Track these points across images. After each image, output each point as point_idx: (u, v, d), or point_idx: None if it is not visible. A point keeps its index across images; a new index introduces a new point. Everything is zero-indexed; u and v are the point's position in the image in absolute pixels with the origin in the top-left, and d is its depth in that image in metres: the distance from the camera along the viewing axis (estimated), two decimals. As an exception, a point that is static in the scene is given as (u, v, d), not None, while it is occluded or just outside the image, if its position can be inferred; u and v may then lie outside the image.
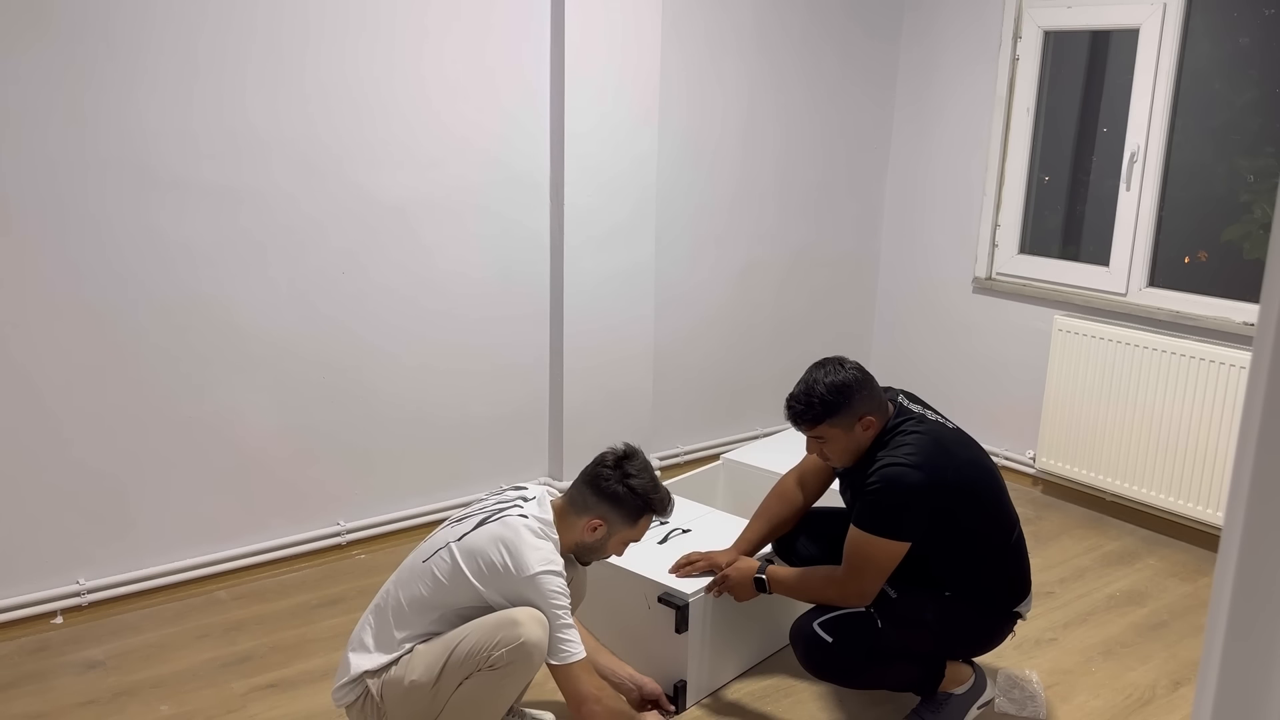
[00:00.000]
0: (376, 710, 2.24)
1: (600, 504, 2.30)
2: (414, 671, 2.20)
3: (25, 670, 2.77)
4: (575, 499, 2.32)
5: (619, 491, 2.28)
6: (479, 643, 2.17)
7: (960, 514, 2.38)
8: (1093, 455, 3.96)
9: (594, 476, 2.31)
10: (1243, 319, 3.59)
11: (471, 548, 2.23)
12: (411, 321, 3.47)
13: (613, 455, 2.34)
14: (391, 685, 2.22)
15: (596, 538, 2.32)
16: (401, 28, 3.24)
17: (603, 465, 2.32)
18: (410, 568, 2.31)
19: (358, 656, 2.27)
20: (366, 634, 2.29)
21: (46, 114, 2.72)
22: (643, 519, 2.34)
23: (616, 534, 2.34)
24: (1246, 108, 3.80)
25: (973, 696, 2.58)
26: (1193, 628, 3.18)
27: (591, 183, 3.67)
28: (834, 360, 2.47)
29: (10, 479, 2.85)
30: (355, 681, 2.25)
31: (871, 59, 4.52)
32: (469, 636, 2.19)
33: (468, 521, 2.31)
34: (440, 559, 2.25)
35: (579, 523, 2.31)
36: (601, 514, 2.30)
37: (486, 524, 2.27)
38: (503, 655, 2.15)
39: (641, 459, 2.36)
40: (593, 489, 2.30)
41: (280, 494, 3.31)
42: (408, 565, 2.33)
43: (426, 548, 2.32)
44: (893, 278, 4.78)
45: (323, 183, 3.20)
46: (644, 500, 2.30)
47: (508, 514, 2.28)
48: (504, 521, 2.26)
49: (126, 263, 2.91)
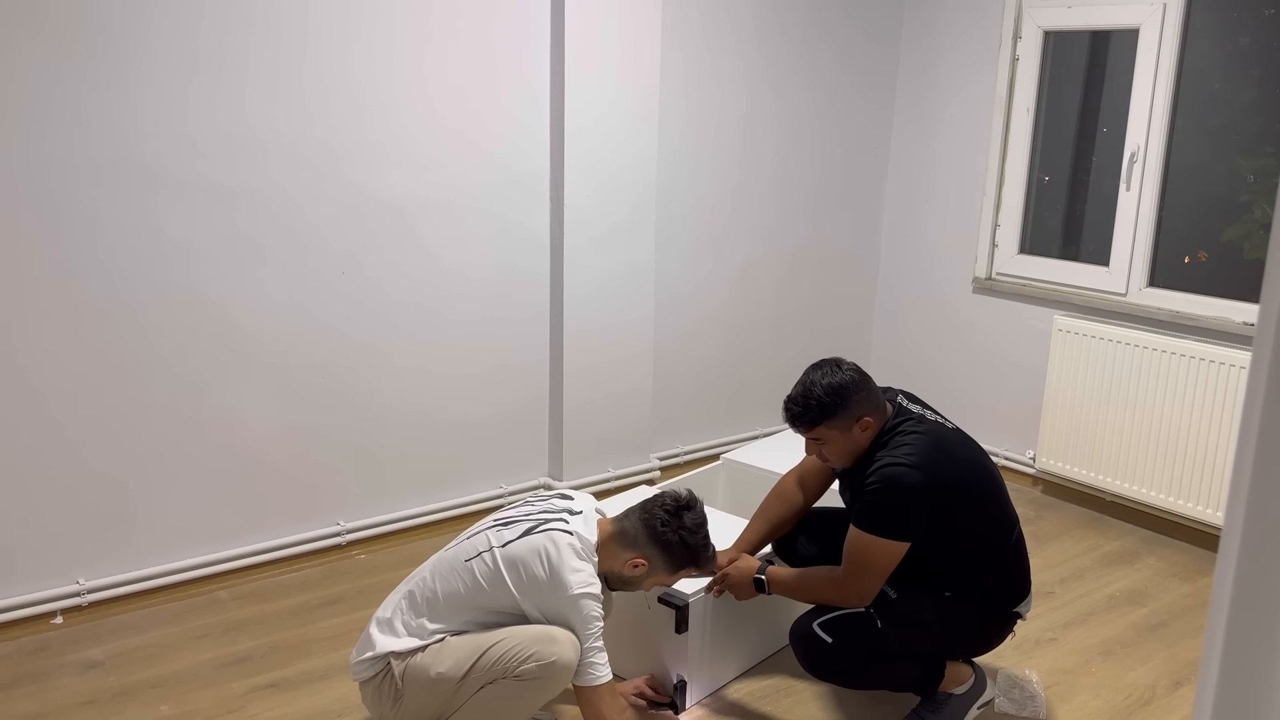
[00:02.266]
0: (394, 691, 2.27)
1: (649, 546, 2.30)
2: (442, 664, 2.23)
3: (25, 670, 2.77)
4: (626, 533, 2.32)
5: (672, 541, 2.29)
6: (511, 650, 2.20)
7: (960, 514, 2.38)
8: (1093, 455, 3.96)
9: (650, 518, 2.31)
10: (1243, 319, 3.59)
11: (514, 556, 2.25)
12: (411, 321, 3.47)
13: (674, 501, 2.33)
14: (415, 671, 2.25)
15: (635, 574, 2.33)
16: (401, 28, 3.24)
17: (663, 508, 2.31)
18: (451, 563, 2.32)
19: (384, 636, 2.29)
20: (397, 617, 2.31)
21: (44, 114, 2.72)
22: (684, 570, 2.36)
23: (654, 576, 2.36)
24: (1246, 108, 3.80)
25: (973, 696, 2.58)
26: (1193, 628, 3.18)
27: (591, 182, 3.67)
28: (831, 361, 2.47)
29: (10, 479, 2.85)
30: (378, 659, 2.28)
31: (872, 59, 4.52)
32: (503, 642, 2.22)
33: (514, 528, 2.32)
34: (482, 561, 2.27)
35: (622, 555, 2.32)
36: (647, 555, 2.31)
37: (532, 534, 2.28)
38: (531, 669, 2.18)
39: (700, 512, 2.35)
40: (646, 529, 2.30)
41: (280, 494, 3.31)
42: (448, 559, 2.34)
43: (469, 547, 2.33)
44: (893, 277, 4.78)
45: (322, 183, 3.20)
46: (693, 555, 2.33)
47: (554, 527, 2.29)
48: (549, 535, 2.26)
49: (125, 263, 2.91)
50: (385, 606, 2.38)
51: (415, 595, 2.33)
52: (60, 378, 2.87)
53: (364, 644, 2.33)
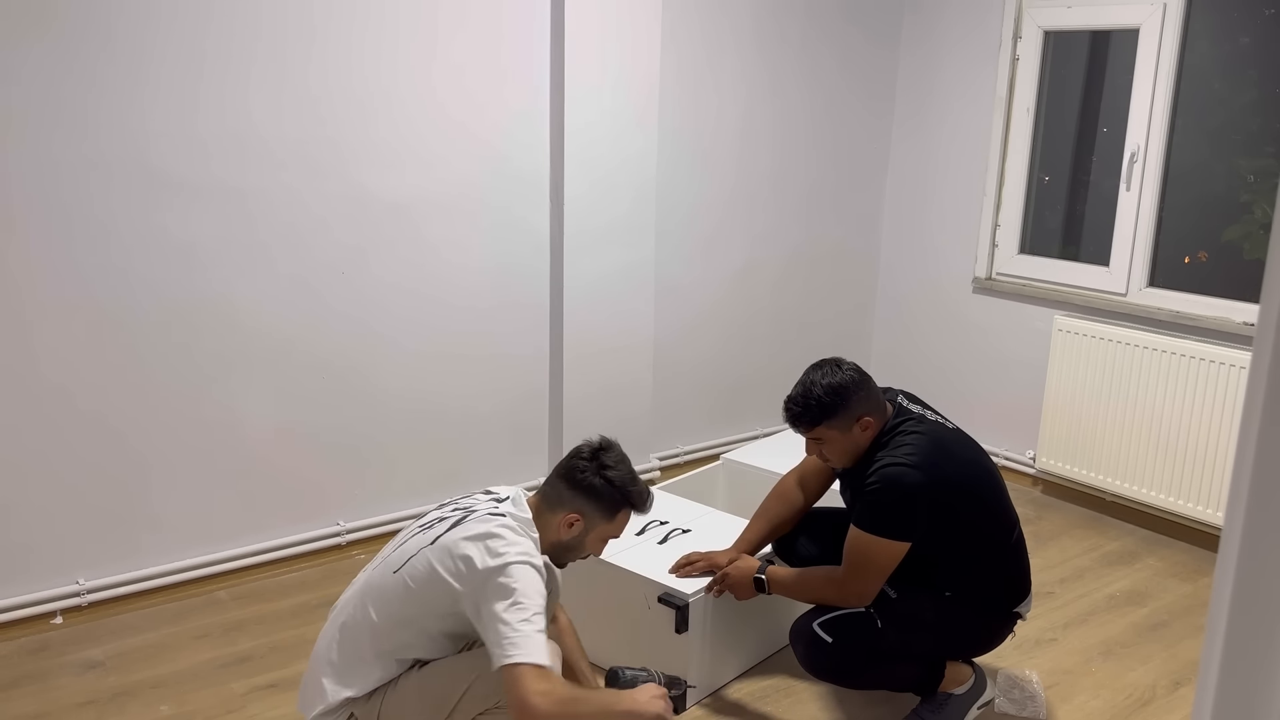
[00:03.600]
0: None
1: (576, 498, 2.13)
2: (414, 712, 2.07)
3: (25, 670, 2.77)
4: (549, 495, 2.17)
5: (595, 484, 2.13)
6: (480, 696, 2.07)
7: (960, 514, 2.38)
8: (1093, 455, 3.96)
9: (569, 469, 2.16)
10: (1243, 319, 3.59)
11: (445, 546, 2.05)
12: (412, 321, 3.47)
13: (588, 447, 2.19)
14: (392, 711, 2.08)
15: (574, 534, 2.16)
16: (404, 27, 3.24)
17: (578, 458, 2.17)
18: (379, 585, 2.12)
19: (333, 683, 2.10)
20: (338, 655, 2.12)
21: (51, 115, 2.72)
22: (621, 513, 2.18)
23: (594, 530, 2.18)
24: (1246, 108, 3.80)
25: (973, 697, 2.58)
26: (1193, 628, 3.18)
27: (591, 180, 3.67)
28: (831, 361, 2.47)
29: (10, 479, 2.85)
30: (336, 710, 2.09)
31: (871, 60, 4.52)
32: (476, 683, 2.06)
33: (440, 525, 2.13)
34: (413, 566, 2.08)
35: (554, 520, 2.14)
36: (578, 508, 2.14)
37: (460, 524, 2.09)
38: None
39: (618, 450, 2.21)
40: (568, 482, 2.14)
41: (280, 494, 3.31)
42: (376, 582, 2.13)
43: (396, 558, 2.13)
44: (893, 277, 4.78)
45: (324, 182, 3.20)
46: (622, 493, 2.15)
47: (482, 512, 2.12)
48: (479, 519, 2.09)
49: (127, 263, 2.91)
50: (325, 644, 2.16)
51: (351, 626, 2.13)
52: (61, 377, 2.87)
53: (313, 692, 2.12)
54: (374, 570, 2.18)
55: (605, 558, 2.76)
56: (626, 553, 2.80)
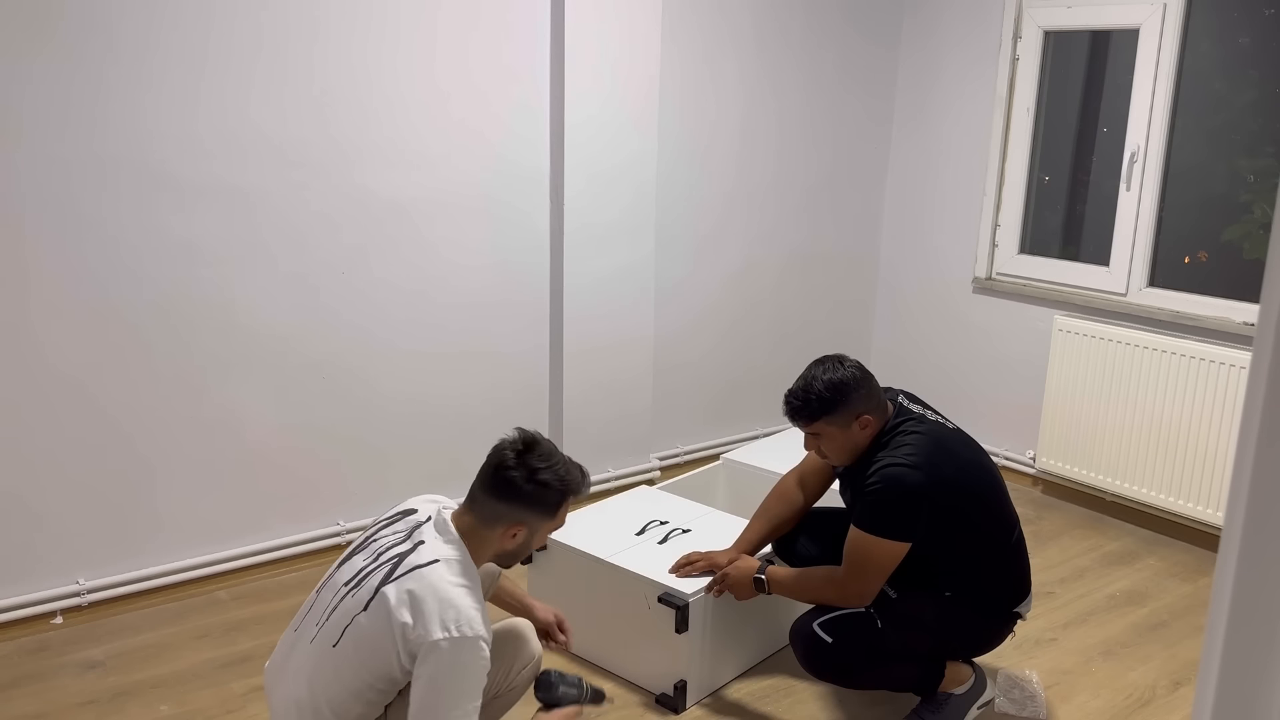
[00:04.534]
0: None
1: (514, 509, 2.00)
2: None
3: (25, 670, 2.77)
4: (483, 512, 2.01)
5: (530, 491, 1.99)
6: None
7: (960, 514, 2.38)
8: (1093, 455, 3.96)
9: (499, 483, 2.00)
10: (1243, 319, 3.59)
11: (384, 614, 1.92)
12: (412, 320, 3.47)
13: (512, 451, 2.02)
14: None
15: (518, 543, 2.06)
16: (404, 27, 3.24)
17: (504, 467, 2.00)
18: (319, 665, 1.99)
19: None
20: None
21: (57, 118, 2.73)
22: (563, 508, 2.07)
23: (539, 531, 2.08)
24: (1246, 108, 3.80)
25: (973, 696, 2.58)
26: (1193, 628, 3.18)
27: (591, 179, 3.67)
28: (834, 358, 2.47)
29: (11, 478, 2.85)
30: None
31: (871, 60, 4.52)
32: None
33: (370, 579, 1.98)
34: (354, 638, 1.95)
35: (493, 535, 2.02)
36: (517, 519, 2.02)
37: (389, 582, 1.94)
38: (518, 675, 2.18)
39: (545, 444, 2.05)
40: (500, 495, 2.00)
41: (280, 494, 3.31)
42: (314, 663, 2.00)
43: (330, 630, 1.99)
44: (893, 277, 4.78)
45: (326, 181, 3.20)
46: (560, 491, 2.03)
47: (409, 567, 1.96)
48: (415, 576, 1.93)
49: (128, 262, 2.91)
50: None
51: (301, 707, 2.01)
52: (61, 377, 2.87)
53: None
54: (314, 643, 2.02)
55: (605, 558, 2.77)
56: (626, 553, 2.81)
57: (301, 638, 2.07)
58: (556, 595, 2.92)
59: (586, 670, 2.84)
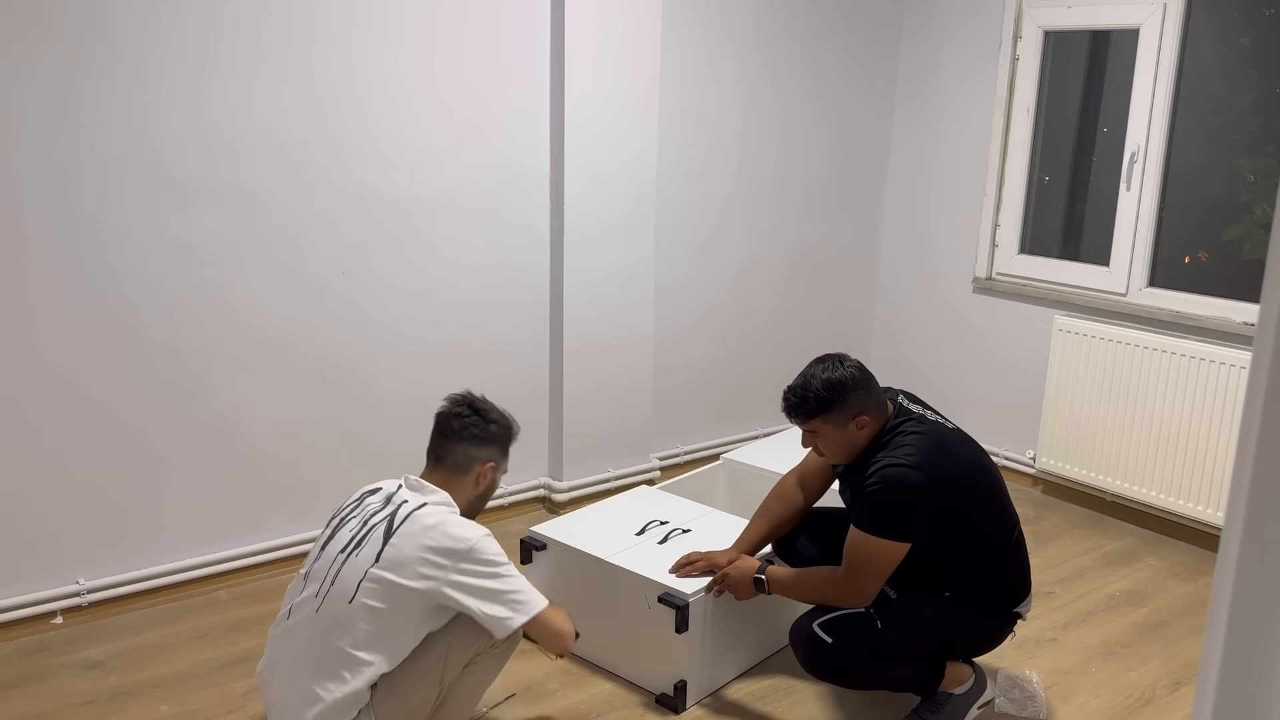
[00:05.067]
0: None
1: (483, 448, 2.34)
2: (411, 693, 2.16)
3: (25, 670, 2.77)
4: (454, 460, 2.32)
5: (494, 431, 2.36)
6: (472, 638, 2.21)
7: (960, 514, 2.38)
8: (1093, 455, 3.96)
9: (464, 429, 2.32)
10: (1243, 319, 3.59)
11: (402, 559, 2.12)
12: (412, 321, 3.47)
13: (463, 405, 2.36)
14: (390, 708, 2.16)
15: (489, 482, 2.37)
16: (406, 27, 3.24)
17: (462, 419, 2.34)
18: (336, 618, 2.13)
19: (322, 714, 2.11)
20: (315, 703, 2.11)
21: (58, 118, 2.73)
22: (510, 448, 2.44)
23: (501, 470, 2.41)
24: (1246, 108, 3.80)
25: (973, 697, 2.58)
26: (1193, 628, 3.18)
27: (591, 179, 3.67)
28: (835, 357, 2.47)
29: (11, 478, 2.85)
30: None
31: (871, 60, 4.52)
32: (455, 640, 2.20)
33: (368, 543, 2.17)
34: (370, 589, 2.11)
35: (468, 479, 2.32)
36: (488, 456, 2.35)
37: (394, 533, 2.15)
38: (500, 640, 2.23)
39: (480, 398, 2.42)
40: (470, 441, 2.32)
41: (280, 494, 3.31)
42: (328, 617, 2.13)
43: (341, 590, 2.14)
44: (893, 277, 4.78)
45: (326, 181, 3.20)
46: (508, 429, 2.41)
47: (405, 512, 2.19)
48: (410, 520, 2.17)
49: (129, 262, 2.91)
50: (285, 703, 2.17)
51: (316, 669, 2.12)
52: (61, 377, 2.87)
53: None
54: (320, 609, 2.15)
55: (605, 558, 2.77)
56: (626, 553, 2.81)
57: (300, 621, 2.19)
58: (557, 595, 2.92)
59: (587, 670, 2.84)
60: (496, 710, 2.65)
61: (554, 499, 3.87)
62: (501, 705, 2.67)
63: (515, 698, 2.70)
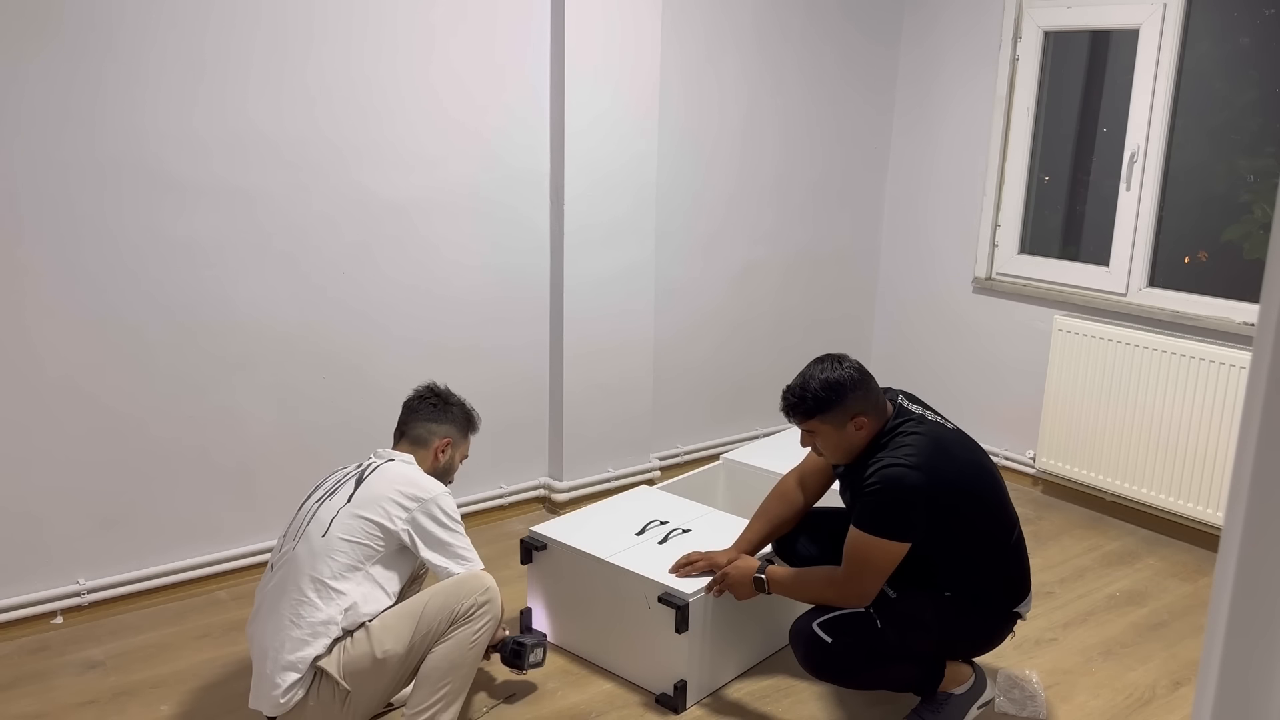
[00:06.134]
0: (334, 693, 2.29)
1: (442, 425, 2.59)
2: (382, 644, 2.30)
3: (25, 670, 2.77)
4: (418, 437, 2.57)
5: (454, 412, 2.62)
6: (446, 602, 2.36)
7: (960, 515, 2.38)
8: (1093, 455, 3.96)
9: (425, 408, 2.60)
10: (1243, 319, 3.59)
11: (372, 497, 2.39)
12: (412, 321, 3.47)
13: (427, 390, 2.65)
14: (355, 662, 2.29)
15: (447, 457, 2.59)
16: (404, 27, 3.24)
17: (425, 399, 2.62)
18: (314, 551, 2.34)
19: (294, 654, 2.27)
20: (292, 630, 2.28)
21: (56, 119, 2.73)
22: (470, 434, 2.67)
23: (459, 450, 2.64)
24: (1246, 108, 3.80)
25: (973, 696, 2.58)
26: (1193, 628, 3.18)
27: (592, 179, 3.67)
28: (834, 357, 2.47)
29: (11, 478, 2.85)
30: (302, 676, 2.27)
31: (872, 59, 4.52)
32: (432, 600, 2.37)
33: (343, 489, 2.44)
34: (344, 524, 2.35)
35: (429, 454, 2.56)
36: (445, 434, 2.59)
37: (366, 479, 2.43)
38: (473, 603, 2.37)
39: (444, 388, 2.68)
40: (430, 418, 2.59)
41: (280, 494, 3.31)
42: (304, 553, 2.34)
43: (316, 527, 2.37)
44: (893, 277, 4.78)
45: (325, 181, 3.20)
46: (467, 414, 2.65)
47: (374, 468, 2.47)
48: (384, 468, 2.46)
49: (129, 262, 2.91)
50: (266, 634, 2.33)
51: (296, 598, 2.31)
52: (61, 377, 2.87)
53: (275, 678, 2.27)
54: (298, 546, 2.38)
55: (605, 558, 2.77)
56: (626, 553, 2.81)
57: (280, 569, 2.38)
58: (557, 595, 2.92)
59: (587, 670, 2.84)
60: (496, 710, 2.65)
61: (554, 499, 3.87)
62: (502, 705, 2.67)
63: (515, 698, 2.70)
